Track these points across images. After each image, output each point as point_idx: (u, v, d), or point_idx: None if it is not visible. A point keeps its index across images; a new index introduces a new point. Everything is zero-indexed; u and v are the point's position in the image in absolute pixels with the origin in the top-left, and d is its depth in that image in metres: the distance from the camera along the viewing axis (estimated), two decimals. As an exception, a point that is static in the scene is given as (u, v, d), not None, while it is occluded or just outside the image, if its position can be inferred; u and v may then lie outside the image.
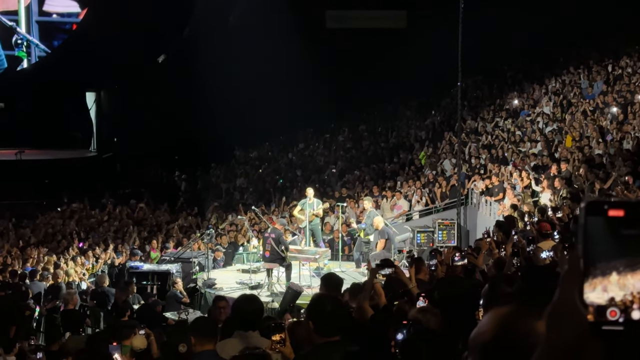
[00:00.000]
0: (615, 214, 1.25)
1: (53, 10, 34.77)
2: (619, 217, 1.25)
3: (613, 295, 1.23)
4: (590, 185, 15.63)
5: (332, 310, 4.28)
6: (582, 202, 1.29)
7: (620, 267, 1.23)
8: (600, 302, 1.24)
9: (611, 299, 1.23)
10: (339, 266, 17.78)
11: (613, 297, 1.23)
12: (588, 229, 1.26)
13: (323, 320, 4.26)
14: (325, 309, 4.28)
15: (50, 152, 33.60)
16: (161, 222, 24.38)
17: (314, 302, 4.55)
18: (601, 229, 1.25)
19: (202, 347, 5.22)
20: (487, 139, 24.09)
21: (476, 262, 9.53)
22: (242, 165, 32.21)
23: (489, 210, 19.43)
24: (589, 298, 1.25)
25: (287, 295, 14.24)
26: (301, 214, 18.41)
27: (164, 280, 16.57)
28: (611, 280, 1.24)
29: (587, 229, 1.26)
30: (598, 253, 1.25)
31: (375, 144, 29.90)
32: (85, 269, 18.21)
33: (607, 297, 1.24)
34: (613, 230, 1.25)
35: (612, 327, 1.23)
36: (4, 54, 33.49)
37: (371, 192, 22.69)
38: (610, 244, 1.24)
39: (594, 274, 1.25)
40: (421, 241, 19.19)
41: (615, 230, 1.24)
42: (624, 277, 1.23)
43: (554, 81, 26.90)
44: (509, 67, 31.93)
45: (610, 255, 1.24)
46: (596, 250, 1.25)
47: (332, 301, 4.44)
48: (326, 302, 4.41)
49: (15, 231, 22.37)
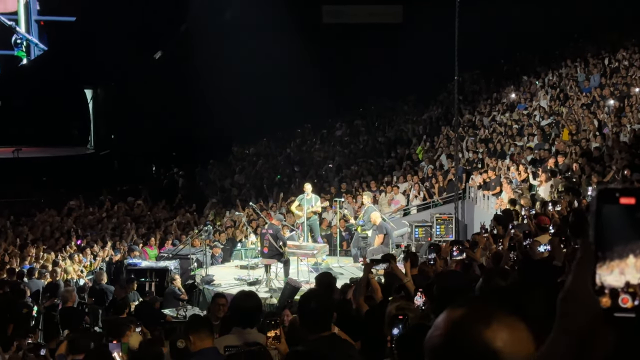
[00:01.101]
0: (627, 202, 1.27)
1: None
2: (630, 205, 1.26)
3: (629, 279, 1.24)
4: (587, 178, 15.63)
5: (317, 306, 4.33)
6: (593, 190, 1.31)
7: (637, 249, 1.24)
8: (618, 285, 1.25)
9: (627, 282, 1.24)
10: (336, 261, 17.81)
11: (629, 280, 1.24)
12: (601, 216, 1.27)
13: (307, 316, 4.35)
14: (309, 305, 4.35)
15: (47, 150, 33.58)
16: (159, 218, 24.36)
17: (300, 299, 4.64)
18: (616, 214, 1.27)
19: (202, 343, 5.21)
20: (485, 133, 24.10)
21: (474, 257, 9.55)
22: (240, 162, 32.19)
23: (486, 205, 19.44)
24: (606, 281, 1.26)
25: (285, 291, 14.25)
26: (299, 209, 18.40)
27: (162, 277, 16.56)
28: (628, 263, 1.25)
29: (600, 216, 1.27)
30: (614, 237, 1.26)
31: (372, 139, 29.90)
32: (83, 267, 18.19)
33: (623, 280, 1.25)
34: (628, 214, 1.26)
35: (624, 315, 1.24)
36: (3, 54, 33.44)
37: (369, 187, 22.68)
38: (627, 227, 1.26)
39: (611, 257, 1.26)
40: (419, 236, 19.20)
41: (631, 215, 1.26)
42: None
43: (551, 74, 26.91)
44: (506, 60, 31.93)
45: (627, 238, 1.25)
46: (612, 234, 1.26)
47: (317, 297, 4.50)
48: (311, 298, 4.48)
49: (13, 229, 22.34)
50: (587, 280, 1.27)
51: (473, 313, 1.62)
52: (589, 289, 1.27)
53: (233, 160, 32.85)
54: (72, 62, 32.88)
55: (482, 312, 1.62)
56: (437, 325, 1.66)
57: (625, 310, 1.24)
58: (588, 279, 1.27)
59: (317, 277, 7.88)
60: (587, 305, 1.27)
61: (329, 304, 4.53)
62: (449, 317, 1.64)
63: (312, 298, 4.48)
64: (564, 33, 30.37)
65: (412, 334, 3.62)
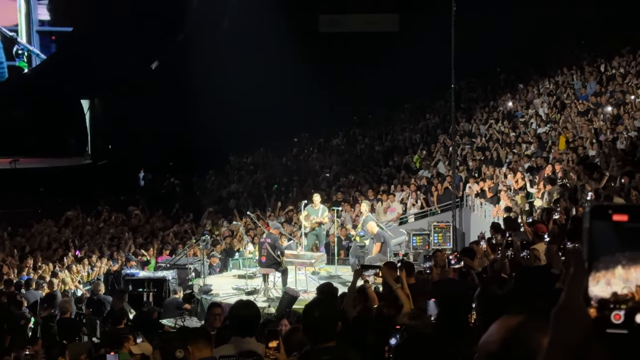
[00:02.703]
0: (620, 219, 1.26)
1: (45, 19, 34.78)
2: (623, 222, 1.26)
3: (616, 290, 1.24)
4: (582, 185, 15.64)
5: (320, 315, 4.29)
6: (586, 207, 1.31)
7: (623, 260, 1.24)
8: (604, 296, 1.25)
9: (614, 293, 1.24)
10: (334, 270, 17.78)
11: (616, 291, 1.25)
12: (593, 232, 1.27)
13: (311, 326, 4.29)
14: (313, 314, 4.31)
15: (44, 160, 33.56)
16: (156, 228, 24.34)
17: (304, 309, 4.58)
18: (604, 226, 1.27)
19: (201, 354, 5.20)
20: (481, 141, 24.13)
21: (472, 265, 9.55)
22: (237, 171, 32.19)
23: (483, 213, 19.46)
24: (593, 292, 1.26)
25: (283, 301, 14.23)
26: (307, 219, 18.38)
27: (159, 287, 16.54)
28: (615, 274, 1.25)
29: (592, 232, 1.27)
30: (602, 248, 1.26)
31: (369, 148, 29.92)
32: (81, 277, 18.17)
33: (610, 291, 1.25)
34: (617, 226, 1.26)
35: (616, 331, 1.24)
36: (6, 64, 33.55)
37: (366, 195, 22.67)
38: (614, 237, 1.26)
39: (597, 268, 1.26)
40: (417, 244, 19.19)
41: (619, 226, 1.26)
42: (627, 270, 1.25)
43: (547, 82, 26.97)
44: (502, 68, 31.99)
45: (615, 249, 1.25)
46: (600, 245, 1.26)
47: (321, 307, 4.45)
48: (315, 307, 4.43)
49: (11, 240, 22.31)
50: (579, 295, 1.28)
51: (531, 320, 1.65)
52: (581, 303, 1.27)
53: (230, 169, 32.84)
54: (69, 72, 32.90)
55: (539, 319, 1.63)
56: (491, 332, 1.69)
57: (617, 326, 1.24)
58: (580, 294, 1.27)
59: (319, 287, 7.90)
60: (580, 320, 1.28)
61: (334, 314, 4.49)
62: (505, 323, 1.68)
63: (317, 307, 4.43)
64: (560, 41, 30.46)
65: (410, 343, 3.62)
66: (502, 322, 1.70)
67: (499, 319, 1.71)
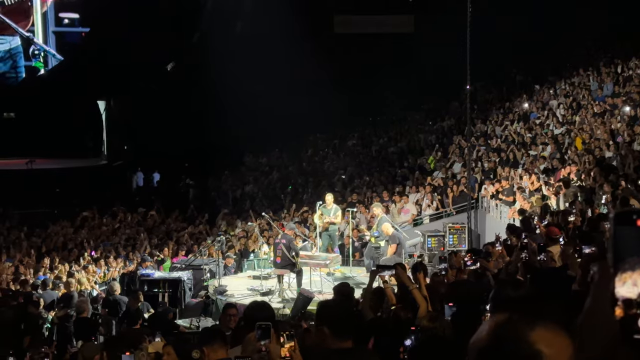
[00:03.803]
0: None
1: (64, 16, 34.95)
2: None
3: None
4: (600, 187, 15.55)
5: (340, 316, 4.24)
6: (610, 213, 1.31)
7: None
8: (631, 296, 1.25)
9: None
10: (349, 271, 17.77)
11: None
12: (617, 237, 1.27)
13: (330, 325, 4.21)
14: (332, 313, 4.25)
15: (61, 161, 33.73)
16: (172, 229, 24.43)
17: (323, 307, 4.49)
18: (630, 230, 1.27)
19: (216, 355, 5.22)
20: (497, 143, 24.06)
21: (487, 266, 9.51)
22: (252, 172, 32.25)
23: (499, 214, 19.39)
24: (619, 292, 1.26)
25: (298, 302, 14.25)
26: (320, 219, 18.39)
27: (175, 287, 16.59)
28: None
29: (616, 237, 1.27)
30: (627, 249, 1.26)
31: (384, 149, 29.89)
32: (97, 277, 18.26)
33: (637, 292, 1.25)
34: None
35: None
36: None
37: (381, 197, 22.66)
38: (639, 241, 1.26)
39: (624, 269, 1.26)
40: (432, 245, 19.11)
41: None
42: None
43: (564, 83, 26.85)
44: (518, 70, 31.88)
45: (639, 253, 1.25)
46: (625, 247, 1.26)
47: (340, 307, 4.41)
48: (334, 307, 4.39)
49: (28, 240, 22.45)
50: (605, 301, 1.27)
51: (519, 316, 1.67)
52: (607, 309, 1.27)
53: (245, 170, 32.90)
54: (85, 73, 33.07)
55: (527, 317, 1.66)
56: (481, 329, 1.71)
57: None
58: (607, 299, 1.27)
59: (335, 287, 7.89)
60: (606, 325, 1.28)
61: (352, 314, 4.45)
62: (495, 320, 1.70)
63: (335, 307, 4.38)
64: (576, 42, 30.32)
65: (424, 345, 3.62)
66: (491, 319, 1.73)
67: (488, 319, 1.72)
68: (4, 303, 13.59)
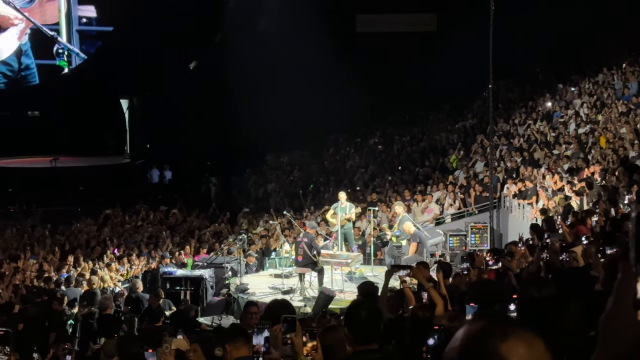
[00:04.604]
0: None
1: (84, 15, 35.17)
2: None
3: None
4: (624, 187, 15.43)
5: (367, 317, 4.20)
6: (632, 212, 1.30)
7: None
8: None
9: None
10: (370, 270, 17.76)
11: None
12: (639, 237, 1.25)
13: (358, 327, 4.19)
14: (360, 315, 4.21)
15: (84, 159, 33.96)
16: (194, 227, 24.54)
17: (349, 309, 4.49)
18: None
19: (238, 352, 5.23)
20: (520, 142, 23.92)
21: (510, 266, 9.46)
22: (274, 170, 32.30)
23: (521, 214, 19.29)
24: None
25: (319, 300, 14.26)
26: (334, 217, 18.37)
27: (197, 285, 16.66)
28: None
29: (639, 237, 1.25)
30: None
31: (406, 148, 29.82)
32: (120, 275, 18.37)
33: None
34: None
35: None
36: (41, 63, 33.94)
37: (402, 196, 22.61)
38: None
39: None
40: (454, 245, 19.09)
41: None
42: None
43: (587, 82, 26.64)
44: (541, 68, 31.68)
45: None
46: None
47: (367, 308, 4.36)
48: (362, 308, 4.33)
49: (52, 238, 22.63)
50: (628, 302, 1.26)
51: (490, 326, 1.62)
52: (630, 310, 1.25)
53: (267, 169, 32.96)
54: (108, 72, 33.25)
55: (500, 326, 1.61)
56: (455, 338, 1.66)
57: None
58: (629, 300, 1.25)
59: (359, 286, 7.86)
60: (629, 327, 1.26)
61: (379, 315, 4.42)
62: (467, 330, 1.65)
63: (362, 308, 4.33)
64: (600, 41, 30.07)
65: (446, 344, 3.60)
66: (464, 329, 1.67)
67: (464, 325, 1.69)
68: (28, 300, 13.72)
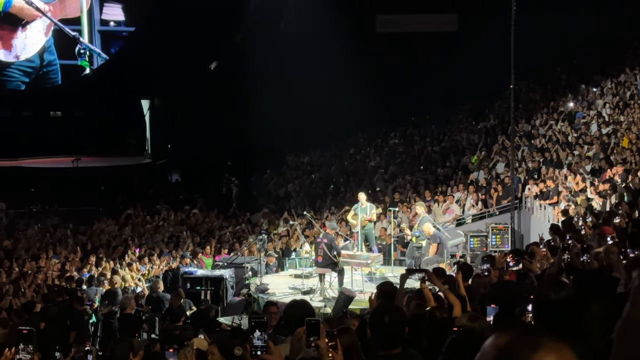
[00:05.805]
0: None
1: (110, 18, 35.47)
2: None
3: None
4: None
5: (390, 321, 4.16)
6: None
7: None
8: None
9: None
10: (391, 271, 17.72)
11: None
12: None
13: (379, 331, 4.16)
14: (383, 319, 4.18)
15: (105, 160, 34.20)
16: (214, 227, 24.61)
17: (372, 313, 4.45)
18: None
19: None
20: (541, 142, 23.78)
21: (531, 267, 9.41)
22: (294, 171, 32.32)
23: (543, 215, 19.18)
24: None
25: (339, 301, 14.24)
26: (354, 218, 18.35)
27: (217, 285, 16.70)
28: None
29: None
30: None
31: (427, 148, 29.74)
32: (141, 275, 18.44)
33: None
34: None
35: None
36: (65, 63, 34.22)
37: (423, 196, 22.54)
38: None
39: None
40: (474, 246, 18.99)
41: None
42: None
43: (609, 82, 26.44)
44: (563, 68, 31.50)
45: None
46: None
47: (391, 312, 4.29)
48: (385, 312, 4.28)
49: (73, 238, 22.78)
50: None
51: (520, 339, 1.60)
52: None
53: (287, 169, 33.00)
54: (129, 72, 33.46)
55: (529, 337, 1.59)
56: (484, 351, 1.64)
57: None
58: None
59: (379, 286, 7.83)
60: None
61: (403, 319, 4.34)
62: (496, 342, 1.63)
63: (386, 312, 4.26)
64: (622, 40, 29.86)
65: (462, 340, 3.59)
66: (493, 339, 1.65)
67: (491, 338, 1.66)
68: (50, 299, 13.81)
